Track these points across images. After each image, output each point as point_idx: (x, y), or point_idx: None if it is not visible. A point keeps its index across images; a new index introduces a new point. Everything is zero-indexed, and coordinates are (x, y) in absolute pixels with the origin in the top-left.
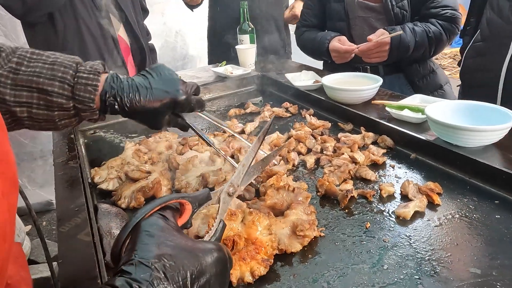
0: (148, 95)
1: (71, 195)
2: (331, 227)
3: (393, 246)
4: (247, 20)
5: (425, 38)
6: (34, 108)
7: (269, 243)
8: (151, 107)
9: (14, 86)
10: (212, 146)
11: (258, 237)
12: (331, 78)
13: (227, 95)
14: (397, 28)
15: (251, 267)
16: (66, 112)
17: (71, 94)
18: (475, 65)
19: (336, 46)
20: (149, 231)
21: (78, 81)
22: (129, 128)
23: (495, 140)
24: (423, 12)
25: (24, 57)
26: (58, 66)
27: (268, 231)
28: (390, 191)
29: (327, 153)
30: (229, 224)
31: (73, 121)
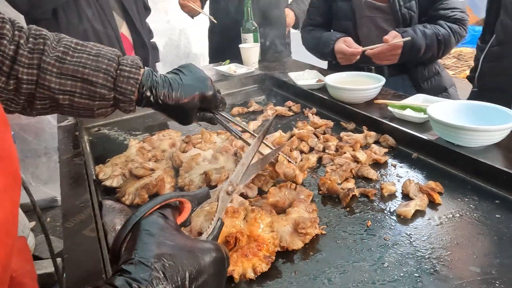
0: (180, 90)
1: (76, 191)
2: (333, 225)
3: (394, 245)
4: (251, 19)
5: (435, 40)
6: (76, 97)
7: (271, 240)
8: (182, 102)
9: (59, 74)
10: (241, 139)
11: (260, 235)
12: (334, 77)
13: (230, 94)
14: (408, 30)
15: (253, 264)
16: (105, 102)
17: (113, 86)
18: (491, 69)
19: (342, 48)
20: (149, 230)
21: (121, 73)
22: (132, 126)
23: (496, 140)
24: (431, 14)
25: (70, 47)
26: (102, 58)
27: (270, 229)
28: (392, 190)
29: (329, 152)
30: (232, 222)
31: (109, 110)
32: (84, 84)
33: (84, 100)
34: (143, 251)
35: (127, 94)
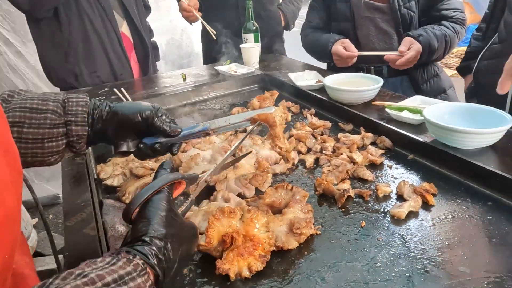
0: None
1: (77, 190)
2: (328, 225)
3: (387, 245)
4: (251, 19)
5: (443, 41)
6: (25, 127)
7: (266, 240)
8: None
9: (7, 110)
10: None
11: (256, 234)
12: (332, 78)
13: (230, 94)
14: (422, 33)
15: (248, 263)
16: (55, 130)
17: (63, 112)
18: (490, 66)
19: (338, 50)
20: (160, 209)
21: (69, 99)
22: None
23: (491, 143)
24: (433, 14)
25: (14, 91)
26: (49, 94)
27: (265, 229)
28: (386, 191)
29: (326, 152)
30: (228, 222)
31: (59, 144)
32: (33, 113)
33: (34, 130)
34: (157, 229)
35: (79, 114)
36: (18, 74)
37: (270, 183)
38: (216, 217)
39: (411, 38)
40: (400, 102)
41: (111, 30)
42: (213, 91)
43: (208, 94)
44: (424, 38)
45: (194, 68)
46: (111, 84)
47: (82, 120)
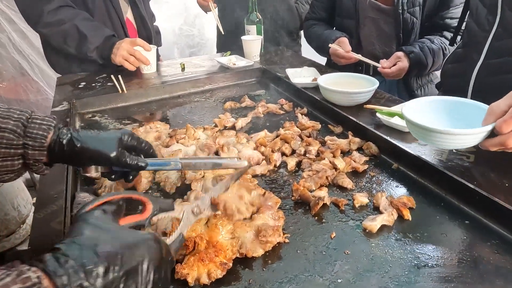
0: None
1: (54, 180)
2: (298, 234)
3: (353, 260)
4: (255, 10)
5: (441, 54)
6: None
7: (229, 247)
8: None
9: None
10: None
11: (219, 241)
12: (327, 77)
13: (227, 86)
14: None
15: (208, 269)
16: (12, 151)
17: (23, 133)
18: (452, 70)
19: (336, 52)
20: (86, 219)
21: (33, 121)
22: (125, 114)
23: (473, 144)
24: (436, 21)
25: None
26: (14, 110)
27: (230, 235)
28: (363, 202)
29: (309, 156)
30: (193, 226)
31: (15, 164)
32: None
33: None
34: (76, 234)
35: (38, 139)
36: (23, 55)
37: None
38: (179, 221)
39: (400, 53)
40: (393, 107)
41: (115, 17)
42: (210, 83)
43: (205, 86)
44: (415, 55)
45: (195, 58)
46: (110, 71)
47: (40, 145)
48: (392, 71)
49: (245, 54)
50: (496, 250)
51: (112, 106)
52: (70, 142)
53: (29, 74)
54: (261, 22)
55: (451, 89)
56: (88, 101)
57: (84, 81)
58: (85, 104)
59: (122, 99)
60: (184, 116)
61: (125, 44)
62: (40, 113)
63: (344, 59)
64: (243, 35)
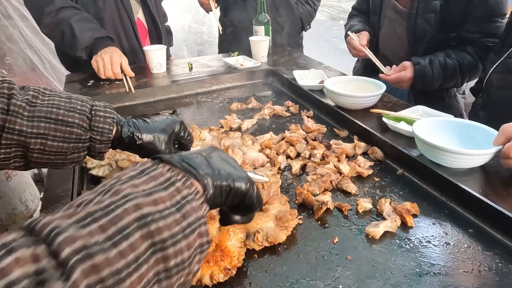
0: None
1: (61, 178)
2: (300, 238)
3: (355, 265)
4: (263, 11)
5: (457, 70)
6: (49, 140)
7: (236, 255)
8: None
9: (31, 117)
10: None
11: (228, 246)
12: (334, 80)
13: (234, 87)
14: (423, 63)
15: (212, 271)
16: (80, 144)
17: (89, 127)
18: (501, 81)
19: (351, 39)
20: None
21: (96, 113)
22: (131, 113)
23: (479, 164)
24: (462, 35)
25: (38, 91)
26: (75, 99)
27: (240, 244)
28: (366, 207)
29: (314, 159)
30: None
31: (81, 155)
32: (58, 125)
33: (58, 143)
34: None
35: (105, 133)
36: (34, 50)
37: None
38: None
39: (408, 63)
40: (400, 112)
41: (126, 18)
42: (217, 83)
43: (212, 86)
44: (420, 67)
45: (202, 57)
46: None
47: (107, 140)
48: (391, 77)
49: (253, 54)
50: (499, 260)
51: (120, 104)
52: (131, 138)
53: (40, 69)
54: (269, 23)
55: (499, 100)
56: (96, 100)
57: (92, 79)
58: None
59: (129, 98)
60: (191, 116)
61: (109, 54)
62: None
63: (355, 51)
64: (244, 35)
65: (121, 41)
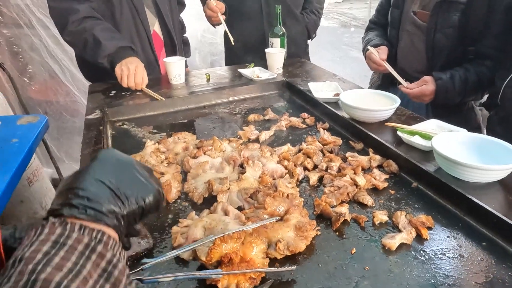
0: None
1: None
2: (319, 248)
3: (372, 276)
4: (279, 23)
5: (478, 85)
6: None
7: (260, 266)
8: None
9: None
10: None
11: (252, 258)
12: (349, 93)
13: (251, 98)
14: (444, 77)
15: (238, 281)
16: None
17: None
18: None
19: (371, 53)
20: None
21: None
22: (153, 123)
23: (498, 178)
24: (480, 49)
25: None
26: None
27: (262, 255)
28: (382, 219)
29: (331, 172)
30: (231, 244)
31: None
32: None
33: None
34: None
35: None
36: (55, 59)
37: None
38: (223, 240)
39: (428, 78)
40: (414, 125)
41: (142, 30)
42: (234, 95)
43: (229, 97)
44: (442, 82)
45: (219, 68)
46: None
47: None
48: (413, 91)
49: (269, 66)
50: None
51: (141, 115)
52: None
53: (60, 77)
54: (285, 35)
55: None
56: (119, 110)
57: (114, 89)
58: (115, 112)
59: (150, 108)
60: (209, 127)
61: (135, 65)
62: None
63: (375, 65)
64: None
65: (137, 53)
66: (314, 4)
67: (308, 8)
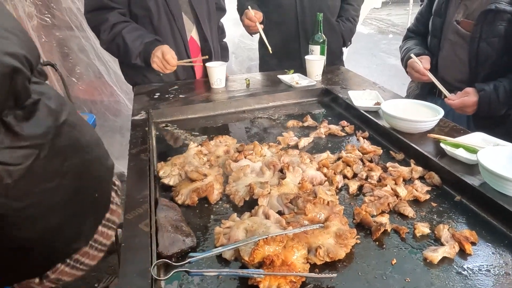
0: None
1: (138, 186)
2: (359, 256)
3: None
4: (320, 31)
5: None
6: None
7: (300, 270)
8: None
9: None
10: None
11: (293, 262)
12: (391, 103)
13: (289, 104)
14: (487, 89)
15: (279, 283)
16: None
17: None
18: None
19: (414, 62)
20: None
21: None
22: (193, 126)
23: None
24: None
25: None
26: None
27: (303, 260)
28: (424, 231)
29: (371, 181)
30: (273, 246)
31: None
32: None
33: None
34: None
35: None
36: (102, 61)
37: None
38: (266, 242)
39: (470, 89)
40: (458, 137)
41: (179, 37)
42: (273, 100)
43: (268, 103)
44: (485, 93)
45: (258, 73)
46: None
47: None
48: (455, 102)
49: (308, 73)
50: None
51: (183, 117)
52: None
53: (105, 78)
54: (325, 42)
55: None
56: (162, 112)
57: (158, 91)
58: (159, 114)
59: (192, 111)
60: (249, 132)
61: (160, 50)
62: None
63: (417, 74)
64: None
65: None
66: (350, 12)
67: (344, 16)
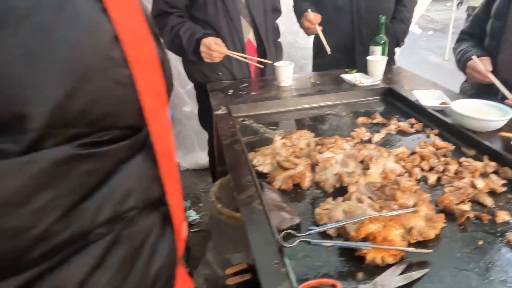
0: None
1: (240, 172)
2: (446, 238)
3: (502, 264)
4: (382, 32)
5: None
6: None
7: (400, 246)
8: None
9: None
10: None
11: (393, 238)
12: (460, 103)
13: (352, 103)
14: None
15: (382, 255)
16: None
17: None
18: None
19: (475, 64)
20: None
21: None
22: (269, 120)
23: None
24: None
25: None
26: None
27: (401, 237)
28: (505, 219)
29: (448, 174)
30: (376, 225)
31: None
32: None
33: None
34: None
35: None
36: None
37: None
38: (371, 221)
39: None
40: None
41: (236, 40)
42: (339, 98)
43: (336, 101)
44: None
45: (319, 72)
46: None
47: None
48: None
49: (369, 73)
50: None
51: (258, 112)
52: None
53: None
54: (386, 44)
55: None
56: (239, 107)
57: (230, 89)
58: (236, 109)
59: (265, 107)
60: (322, 127)
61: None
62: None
63: (479, 75)
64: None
65: (231, 60)
66: (404, 13)
67: (398, 17)
